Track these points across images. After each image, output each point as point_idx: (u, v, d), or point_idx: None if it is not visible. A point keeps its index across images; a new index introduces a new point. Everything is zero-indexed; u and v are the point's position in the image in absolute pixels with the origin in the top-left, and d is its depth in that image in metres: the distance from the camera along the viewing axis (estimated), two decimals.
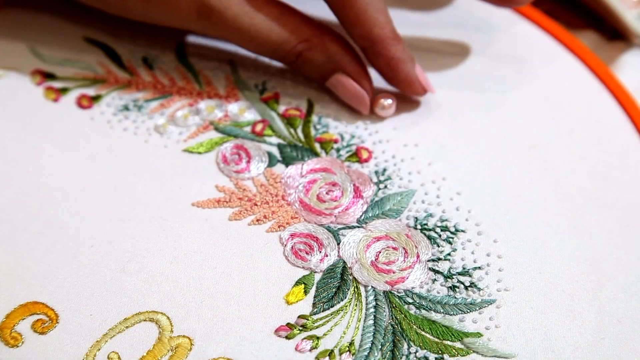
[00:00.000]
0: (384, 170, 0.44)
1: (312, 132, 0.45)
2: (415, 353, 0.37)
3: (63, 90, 0.47)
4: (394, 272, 0.40)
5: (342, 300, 0.39)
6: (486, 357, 0.37)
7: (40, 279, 0.39)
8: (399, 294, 0.39)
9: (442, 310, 0.38)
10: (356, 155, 0.44)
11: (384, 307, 0.38)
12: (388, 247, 0.40)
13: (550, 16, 0.52)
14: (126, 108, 0.46)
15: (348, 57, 0.44)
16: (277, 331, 0.37)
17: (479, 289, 0.39)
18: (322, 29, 0.44)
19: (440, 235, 0.41)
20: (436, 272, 0.40)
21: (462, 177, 0.43)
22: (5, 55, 0.49)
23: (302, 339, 0.37)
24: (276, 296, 0.39)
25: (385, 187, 0.43)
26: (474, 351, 0.37)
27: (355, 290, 0.39)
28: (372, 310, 0.38)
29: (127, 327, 0.37)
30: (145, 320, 0.38)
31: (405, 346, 0.37)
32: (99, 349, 0.37)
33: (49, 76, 0.48)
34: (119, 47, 0.49)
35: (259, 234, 0.41)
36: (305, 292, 0.39)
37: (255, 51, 0.45)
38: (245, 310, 0.38)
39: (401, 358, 0.37)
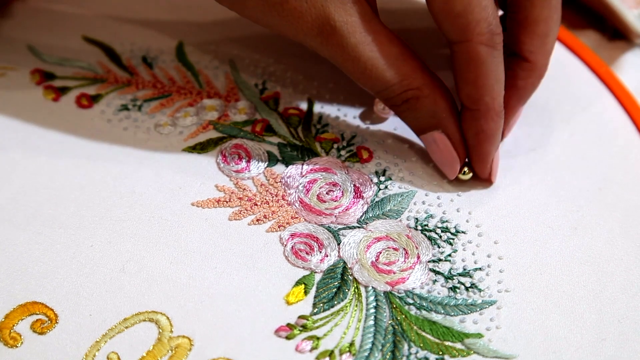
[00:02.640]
0: (385, 170, 0.43)
1: (313, 131, 0.45)
2: (415, 354, 0.37)
3: (62, 90, 0.47)
4: (394, 273, 0.39)
5: (342, 300, 0.38)
6: (487, 358, 0.37)
7: (39, 279, 0.39)
8: (400, 295, 0.39)
9: (442, 311, 0.38)
10: (357, 155, 0.44)
11: (385, 308, 0.38)
12: (388, 247, 0.40)
13: None
14: (126, 107, 0.46)
15: (452, 118, 0.41)
16: (277, 331, 0.37)
17: (480, 290, 0.39)
18: (435, 82, 0.40)
19: (440, 236, 0.41)
20: (437, 273, 0.40)
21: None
22: (4, 54, 0.49)
23: (302, 340, 0.37)
24: (276, 296, 0.39)
25: (386, 187, 0.43)
26: (474, 352, 0.37)
27: (356, 290, 0.39)
28: (372, 310, 0.38)
29: (126, 327, 0.37)
30: (144, 321, 0.38)
31: (406, 347, 0.37)
32: (99, 349, 0.37)
33: (48, 75, 0.48)
34: (118, 47, 0.49)
35: (259, 234, 0.41)
36: (306, 293, 0.39)
37: (362, 84, 0.41)
38: (245, 310, 0.38)
39: (402, 359, 0.37)
